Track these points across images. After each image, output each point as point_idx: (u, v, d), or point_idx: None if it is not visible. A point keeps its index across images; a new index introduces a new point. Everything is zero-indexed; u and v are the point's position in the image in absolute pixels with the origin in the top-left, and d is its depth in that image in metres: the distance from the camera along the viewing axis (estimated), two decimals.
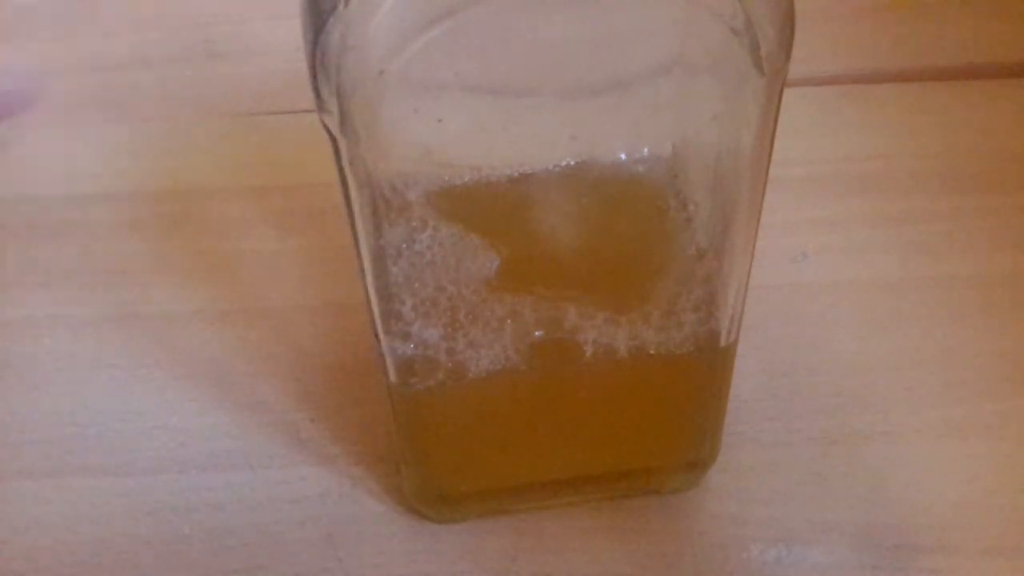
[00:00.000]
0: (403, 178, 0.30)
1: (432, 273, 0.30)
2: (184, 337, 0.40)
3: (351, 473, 0.36)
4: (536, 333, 0.30)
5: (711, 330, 0.30)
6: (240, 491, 0.36)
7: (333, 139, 0.25)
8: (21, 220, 0.45)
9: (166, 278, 0.42)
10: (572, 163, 0.30)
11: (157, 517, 0.36)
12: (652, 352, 0.30)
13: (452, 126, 0.28)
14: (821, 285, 0.41)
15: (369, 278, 0.28)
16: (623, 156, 0.30)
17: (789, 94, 0.47)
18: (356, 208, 0.26)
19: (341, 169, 0.25)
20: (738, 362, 0.38)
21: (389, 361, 0.30)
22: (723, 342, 0.30)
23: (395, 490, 0.36)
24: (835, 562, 0.34)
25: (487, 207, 0.31)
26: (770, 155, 0.26)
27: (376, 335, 0.29)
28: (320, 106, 0.24)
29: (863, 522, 0.34)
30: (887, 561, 0.34)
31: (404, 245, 0.30)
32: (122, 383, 0.39)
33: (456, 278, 0.30)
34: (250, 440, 0.37)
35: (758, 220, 0.28)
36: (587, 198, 0.31)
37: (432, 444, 0.33)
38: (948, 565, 0.33)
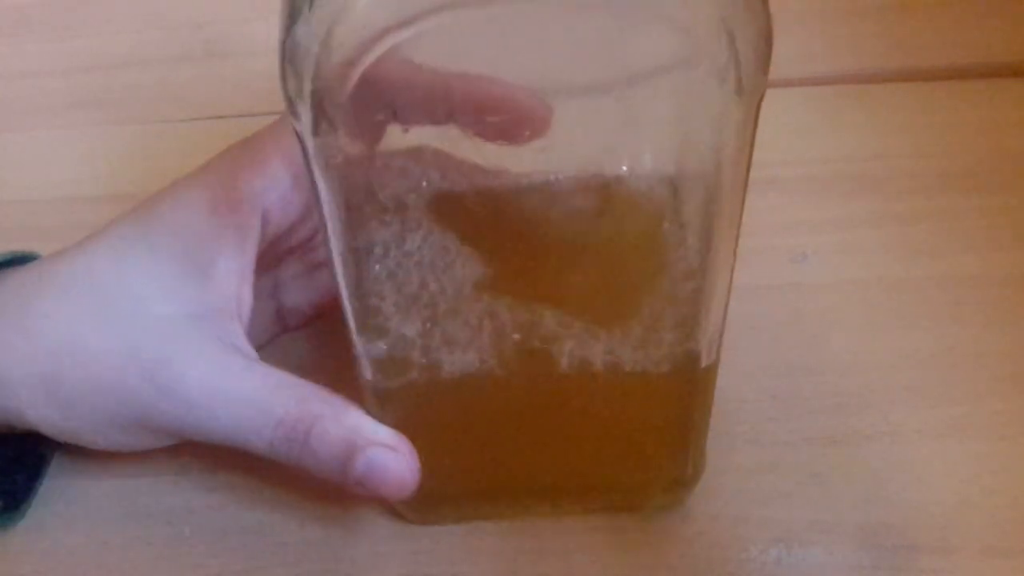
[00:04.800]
0: (379, 180, 0.29)
1: (412, 276, 0.29)
2: None
3: None
4: (514, 336, 0.29)
5: (690, 350, 0.30)
6: (240, 492, 0.36)
7: (301, 140, 0.25)
8: (18, 224, 0.45)
9: None
10: (564, 174, 0.30)
11: (158, 519, 0.36)
12: (628, 369, 0.29)
13: (419, 133, 0.28)
14: (821, 285, 0.41)
15: (341, 278, 0.28)
16: (621, 169, 0.30)
17: (789, 94, 0.48)
18: (327, 209, 0.26)
19: (310, 170, 0.25)
20: (738, 362, 0.38)
21: (365, 360, 0.30)
22: (703, 363, 0.30)
23: None
24: (835, 562, 0.34)
25: (469, 213, 0.30)
26: (747, 174, 0.26)
27: (349, 333, 0.29)
28: (288, 107, 0.24)
29: (863, 522, 0.34)
30: (887, 561, 0.34)
31: (381, 247, 0.30)
32: None
33: (435, 284, 0.29)
34: None
35: (736, 239, 0.28)
36: (577, 210, 0.30)
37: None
38: (948, 565, 0.33)
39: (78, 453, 0.37)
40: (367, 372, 0.30)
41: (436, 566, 0.34)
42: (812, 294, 0.41)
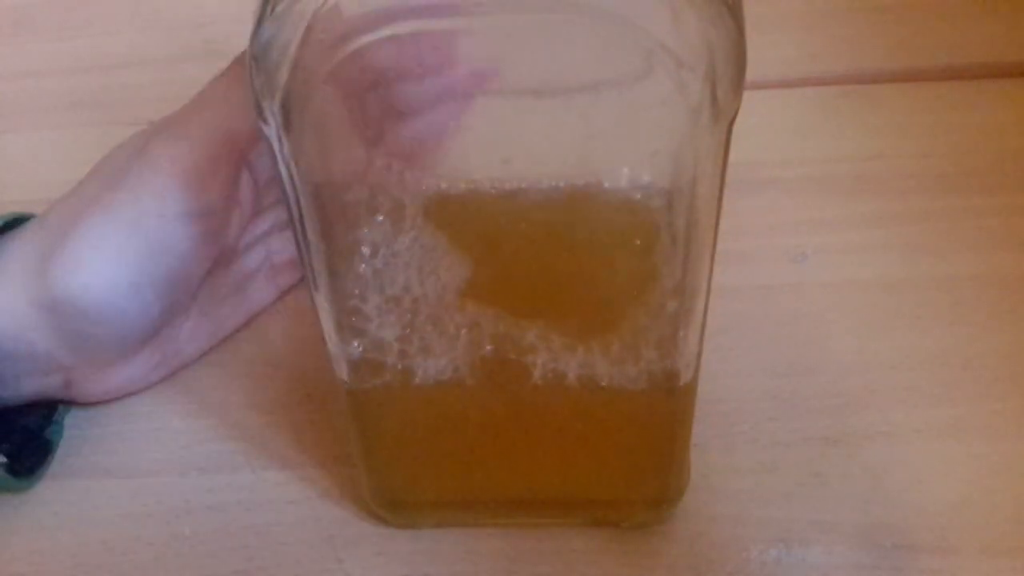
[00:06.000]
0: (345, 182, 0.29)
1: (391, 280, 0.29)
2: None
3: (352, 474, 0.36)
4: (488, 347, 0.29)
5: (668, 368, 0.29)
6: (241, 492, 0.36)
7: (270, 143, 0.25)
8: None
9: None
10: (540, 187, 0.30)
11: (158, 519, 0.36)
12: (604, 385, 0.29)
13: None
14: (821, 285, 0.41)
15: (323, 280, 0.28)
16: (596, 187, 0.30)
17: (789, 94, 0.48)
18: (304, 210, 0.26)
19: (281, 172, 0.25)
20: (738, 362, 0.38)
21: (342, 361, 0.30)
22: (682, 381, 0.30)
23: None
24: (835, 562, 0.34)
25: (450, 220, 0.30)
26: (722, 193, 0.26)
27: (323, 336, 0.29)
28: (257, 110, 0.24)
29: (863, 522, 0.34)
30: (887, 561, 0.34)
31: (359, 250, 0.29)
32: None
33: (415, 289, 0.29)
34: (251, 442, 0.37)
35: (712, 258, 0.27)
36: (555, 224, 0.30)
37: (382, 447, 0.33)
38: (948, 565, 0.33)
39: (79, 451, 0.37)
40: (342, 373, 0.30)
41: (436, 566, 0.34)
42: (812, 294, 0.41)
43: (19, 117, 0.50)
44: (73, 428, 0.38)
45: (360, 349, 0.30)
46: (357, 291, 0.29)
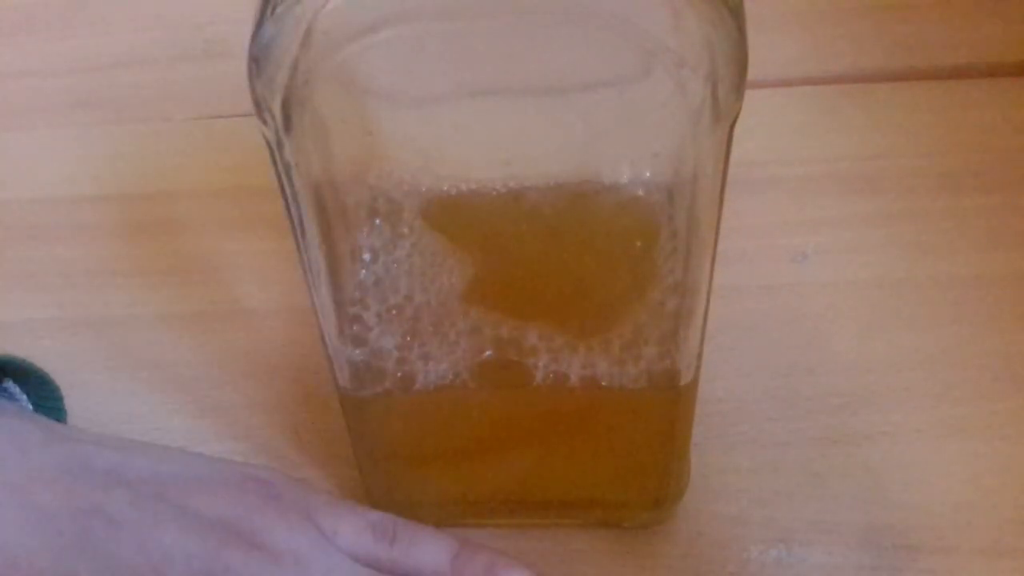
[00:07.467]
0: (345, 184, 0.29)
1: (393, 284, 0.29)
2: (184, 339, 0.40)
3: (352, 474, 0.36)
4: (489, 350, 0.29)
5: (669, 368, 0.29)
6: None
7: (270, 146, 0.25)
8: (18, 223, 0.45)
9: (166, 279, 0.42)
10: (540, 187, 0.29)
11: None
12: (605, 386, 0.29)
13: (381, 138, 0.28)
14: (821, 285, 0.41)
15: (323, 282, 0.28)
16: (597, 187, 0.30)
17: (789, 94, 0.48)
18: (303, 213, 0.26)
19: (281, 176, 0.25)
20: (738, 362, 0.38)
21: (343, 363, 0.30)
22: (682, 381, 0.30)
23: None
24: (835, 562, 0.34)
25: (448, 223, 0.30)
26: (723, 194, 0.26)
27: (323, 339, 0.29)
28: (256, 111, 0.24)
29: (863, 522, 0.35)
30: (887, 561, 0.34)
31: (362, 254, 0.29)
32: (122, 386, 0.39)
33: (412, 290, 0.29)
34: (252, 442, 0.37)
35: (713, 258, 0.27)
36: (555, 224, 0.30)
37: (382, 448, 0.33)
38: (948, 565, 0.34)
39: None
40: (342, 376, 0.30)
41: None
42: (812, 294, 0.41)
43: (19, 117, 0.50)
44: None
45: (360, 352, 0.30)
46: (358, 294, 0.29)
